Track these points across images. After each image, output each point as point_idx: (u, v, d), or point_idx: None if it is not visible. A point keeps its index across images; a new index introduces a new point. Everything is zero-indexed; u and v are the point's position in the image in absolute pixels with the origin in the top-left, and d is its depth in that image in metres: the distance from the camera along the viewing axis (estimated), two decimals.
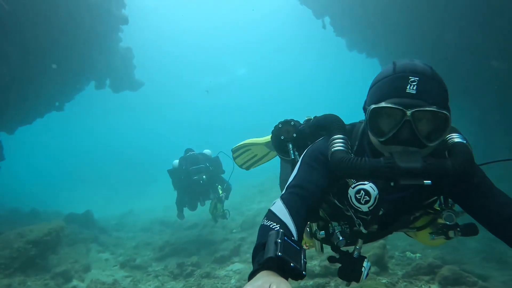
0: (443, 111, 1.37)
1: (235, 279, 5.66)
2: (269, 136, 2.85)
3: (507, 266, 5.19)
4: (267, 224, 1.32)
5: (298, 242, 1.18)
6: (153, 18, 31.84)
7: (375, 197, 1.45)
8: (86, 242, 8.20)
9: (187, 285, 5.65)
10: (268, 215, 1.39)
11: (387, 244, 5.22)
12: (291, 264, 1.03)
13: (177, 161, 7.39)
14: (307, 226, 1.94)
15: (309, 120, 2.06)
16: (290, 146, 2.04)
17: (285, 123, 2.08)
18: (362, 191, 1.46)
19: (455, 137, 1.53)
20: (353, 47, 11.82)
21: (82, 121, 37.11)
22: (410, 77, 1.37)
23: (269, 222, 1.33)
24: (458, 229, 1.68)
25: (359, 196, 1.46)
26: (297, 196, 1.46)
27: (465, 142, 1.51)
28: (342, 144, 1.55)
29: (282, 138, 2.05)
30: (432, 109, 1.35)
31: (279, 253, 1.03)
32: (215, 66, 42.86)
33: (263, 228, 1.32)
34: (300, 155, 1.76)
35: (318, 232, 1.87)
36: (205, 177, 6.77)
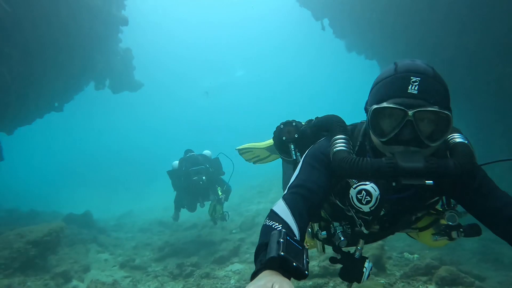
0: (445, 111, 1.37)
1: (234, 280, 5.66)
2: (270, 141, 2.83)
3: (503, 266, 5.22)
4: (269, 224, 1.31)
5: (300, 242, 1.17)
6: (153, 19, 31.92)
7: (377, 198, 1.44)
8: (85, 243, 8.18)
9: (186, 286, 5.65)
10: (270, 215, 1.38)
11: (385, 245, 5.24)
12: (294, 264, 1.03)
13: (176, 162, 7.38)
14: (309, 226, 1.94)
15: (311, 121, 2.06)
16: (292, 147, 2.03)
17: (287, 124, 2.07)
18: (363, 191, 1.45)
19: (457, 137, 1.53)
20: (352, 48, 11.84)
21: (81, 121, 37.16)
22: (412, 77, 1.37)
23: (271, 222, 1.32)
24: (461, 229, 1.67)
25: (360, 197, 1.45)
26: (299, 196, 1.45)
27: (466, 142, 1.51)
28: (343, 144, 1.55)
29: (284, 138, 2.04)
30: (434, 109, 1.35)
31: (282, 253, 1.02)
32: (214, 67, 42.96)
33: (265, 228, 1.31)
34: (301, 155, 1.76)
35: (320, 232, 1.87)
36: (204, 178, 6.75)
